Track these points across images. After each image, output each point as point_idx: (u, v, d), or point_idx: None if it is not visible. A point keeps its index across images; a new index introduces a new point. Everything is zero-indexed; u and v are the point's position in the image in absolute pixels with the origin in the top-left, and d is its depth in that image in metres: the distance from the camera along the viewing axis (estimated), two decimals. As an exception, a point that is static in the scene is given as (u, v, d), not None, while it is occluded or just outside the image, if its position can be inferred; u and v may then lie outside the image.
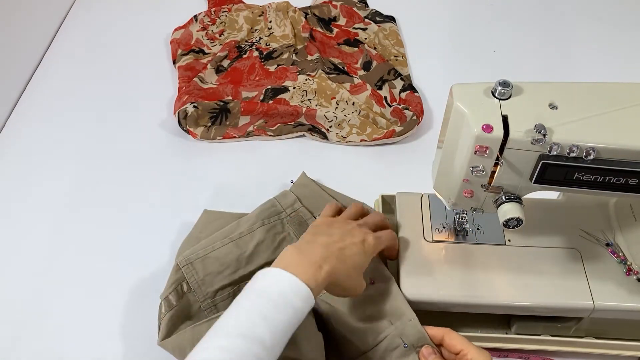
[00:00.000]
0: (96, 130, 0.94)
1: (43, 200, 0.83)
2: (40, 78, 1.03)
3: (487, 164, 0.55)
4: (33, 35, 1.05)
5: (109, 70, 1.04)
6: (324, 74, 0.99)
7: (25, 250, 0.78)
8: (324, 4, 1.14)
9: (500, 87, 0.54)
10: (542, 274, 0.66)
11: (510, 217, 0.56)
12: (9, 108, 0.97)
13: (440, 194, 0.64)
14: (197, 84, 0.97)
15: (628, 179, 0.53)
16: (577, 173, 0.53)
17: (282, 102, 0.95)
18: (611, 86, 0.56)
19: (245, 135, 0.93)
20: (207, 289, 0.69)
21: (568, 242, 0.69)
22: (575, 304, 0.64)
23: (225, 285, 0.69)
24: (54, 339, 0.70)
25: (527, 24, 1.16)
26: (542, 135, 0.51)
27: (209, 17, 1.10)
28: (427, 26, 1.14)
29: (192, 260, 0.69)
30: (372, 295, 0.65)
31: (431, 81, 1.02)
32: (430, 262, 0.67)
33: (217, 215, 0.77)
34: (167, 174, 0.88)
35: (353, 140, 0.91)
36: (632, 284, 0.65)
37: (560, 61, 1.08)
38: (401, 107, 0.94)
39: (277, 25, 1.09)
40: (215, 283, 0.69)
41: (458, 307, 0.66)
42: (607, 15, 1.19)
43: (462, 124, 0.54)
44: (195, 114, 0.90)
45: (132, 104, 0.98)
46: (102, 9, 1.17)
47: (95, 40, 1.10)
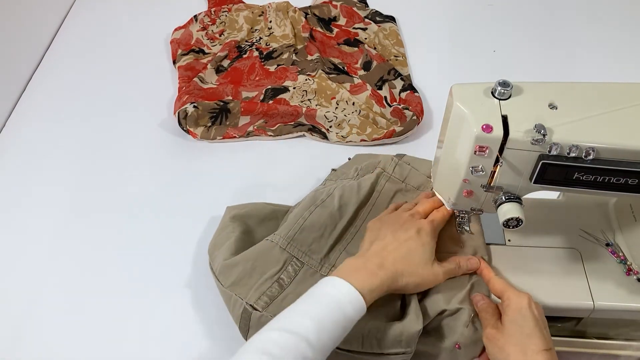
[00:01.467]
0: (96, 130, 0.93)
1: (43, 200, 0.83)
2: (41, 78, 1.03)
3: (487, 164, 0.55)
4: (33, 35, 1.06)
5: (109, 70, 1.04)
6: (324, 74, 0.99)
7: (24, 250, 0.78)
8: (324, 4, 1.14)
9: (500, 87, 0.54)
10: (542, 274, 0.66)
11: (510, 217, 0.56)
12: (9, 108, 0.97)
13: (440, 194, 0.64)
14: (197, 84, 0.97)
15: (628, 179, 0.53)
16: (577, 173, 0.53)
17: (282, 102, 0.95)
18: (611, 86, 0.56)
19: (245, 135, 0.93)
20: (318, 256, 0.69)
21: (568, 242, 0.69)
22: (575, 304, 0.64)
23: (332, 244, 0.70)
24: (54, 339, 0.70)
25: (527, 24, 1.16)
26: (542, 135, 0.51)
27: (209, 17, 1.10)
28: (427, 26, 1.14)
29: (291, 236, 0.69)
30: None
31: (431, 81, 1.02)
32: (430, 262, 0.67)
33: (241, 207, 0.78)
34: (167, 174, 0.88)
35: (353, 140, 0.91)
36: (632, 284, 0.65)
37: (560, 61, 1.08)
38: (401, 107, 0.94)
39: (277, 25, 1.09)
40: (323, 247, 0.69)
41: (458, 307, 0.66)
42: (607, 16, 1.19)
43: (462, 124, 0.54)
44: (195, 114, 0.90)
45: (132, 104, 0.98)
46: (102, 9, 1.17)
47: (95, 40, 1.10)
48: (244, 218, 0.75)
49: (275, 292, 0.65)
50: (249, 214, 0.75)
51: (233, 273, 0.67)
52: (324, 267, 0.69)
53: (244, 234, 0.72)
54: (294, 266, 0.68)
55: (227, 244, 0.70)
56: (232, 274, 0.67)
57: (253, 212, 0.76)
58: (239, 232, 0.72)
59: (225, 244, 0.70)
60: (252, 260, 0.68)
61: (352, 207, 0.72)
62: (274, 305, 0.64)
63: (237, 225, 0.73)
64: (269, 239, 0.70)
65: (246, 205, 0.77)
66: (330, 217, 0.71)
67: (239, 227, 0.73)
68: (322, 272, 0.68)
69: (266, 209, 0.77)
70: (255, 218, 0.75)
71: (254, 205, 0.77)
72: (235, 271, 0.67)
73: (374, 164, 0.78)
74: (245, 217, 0.75)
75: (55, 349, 0.69)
